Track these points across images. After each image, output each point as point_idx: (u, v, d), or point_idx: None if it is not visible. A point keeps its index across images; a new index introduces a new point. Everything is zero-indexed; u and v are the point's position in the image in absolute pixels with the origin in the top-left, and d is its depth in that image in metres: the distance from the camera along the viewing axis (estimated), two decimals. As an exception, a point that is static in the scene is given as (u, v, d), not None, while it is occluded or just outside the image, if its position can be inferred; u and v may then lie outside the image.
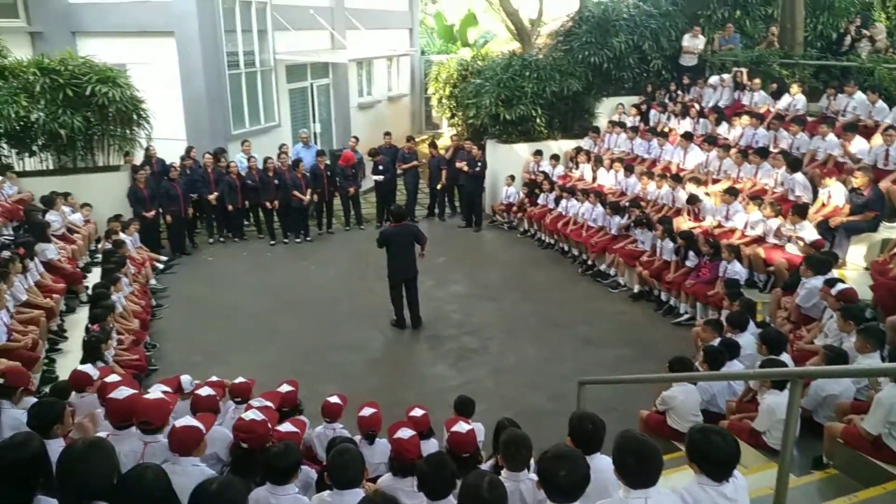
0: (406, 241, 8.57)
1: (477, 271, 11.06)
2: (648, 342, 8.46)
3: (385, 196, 13.36)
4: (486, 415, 5.75)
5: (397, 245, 8.57)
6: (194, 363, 7.83)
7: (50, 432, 3.69)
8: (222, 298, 9.97)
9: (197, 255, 11.86)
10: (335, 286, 10.44)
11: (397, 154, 13.37)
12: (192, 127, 13.63)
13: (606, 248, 10.57)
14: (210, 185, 12.01)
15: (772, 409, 5.11)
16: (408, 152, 13.58)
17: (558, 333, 8.76)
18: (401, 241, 8.56)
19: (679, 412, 5.73)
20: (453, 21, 27.81)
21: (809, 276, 7.09)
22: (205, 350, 8.35)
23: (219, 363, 7.78)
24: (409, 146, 13.68)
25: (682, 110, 12.78)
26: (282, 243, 12.40)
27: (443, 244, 12.42)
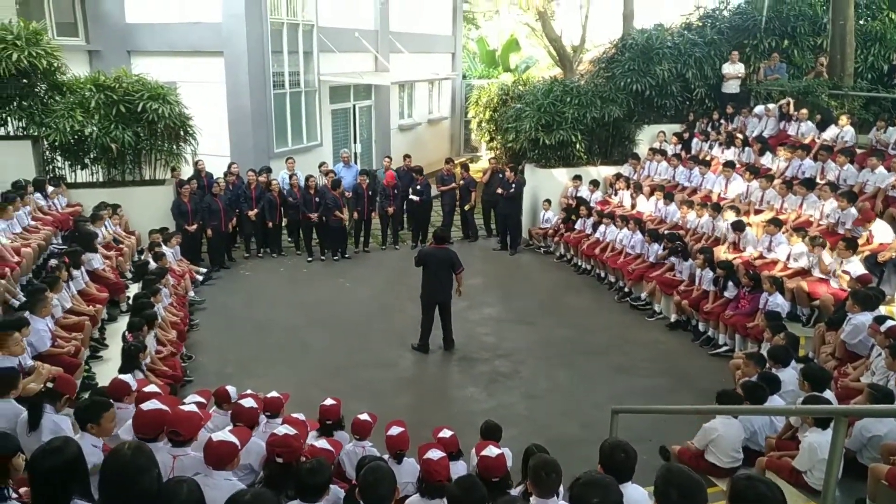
0: (443, 264, 8.58)
1: (511, 295, 11.03)
2: (684, 373, 8.29)
3: (420, 218, 13.46)
4: (516, 440, 5.70)
5: (434, 267, 8.58)
6: (227, 375, 7.93)
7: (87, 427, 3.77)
8: (257, 312, 10.11)
9: (235, 268, 12.07)
10: (368, 304, 10.51)
11: (413, 180, 13.45)
12: (236, 144, 13.98)
13: (644, 275, 10.44)
14: (251, 202, 12.26)
15: (814, 448, 4.95)
16: (447, 174, 13.68)
17: (592, 360, 8.66)
18: (438, 264, 8.57)
19: (720, 446, 5.58)
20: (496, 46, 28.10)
21: (856, 311, 6.89)
22: (238, 362, 8.46)
23: (251, 376, 7.86)
24: (448, 168, 13.79)
25: (727, 139, 12.63)
26: (318, 260, 12.55)
27: (478, 266, 12.45)
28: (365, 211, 12.82)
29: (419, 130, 20.78)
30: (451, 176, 13.66)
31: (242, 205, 12.17)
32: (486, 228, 14.38)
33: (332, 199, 12.29)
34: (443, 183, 13.60)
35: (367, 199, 12.76)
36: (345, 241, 12.78)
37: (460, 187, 13.67)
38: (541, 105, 13.50)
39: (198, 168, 12.43)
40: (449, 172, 13.67)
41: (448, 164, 13.85)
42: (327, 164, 13.73)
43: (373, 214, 13.08)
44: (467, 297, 10.47)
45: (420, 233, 13.51)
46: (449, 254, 8.66)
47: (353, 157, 16.23)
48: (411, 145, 19.04)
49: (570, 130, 13.28)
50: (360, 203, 12.74)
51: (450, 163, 13.87)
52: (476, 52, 27.89)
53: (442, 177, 13.68)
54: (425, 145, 20.53)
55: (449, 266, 8.60)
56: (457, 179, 13.61)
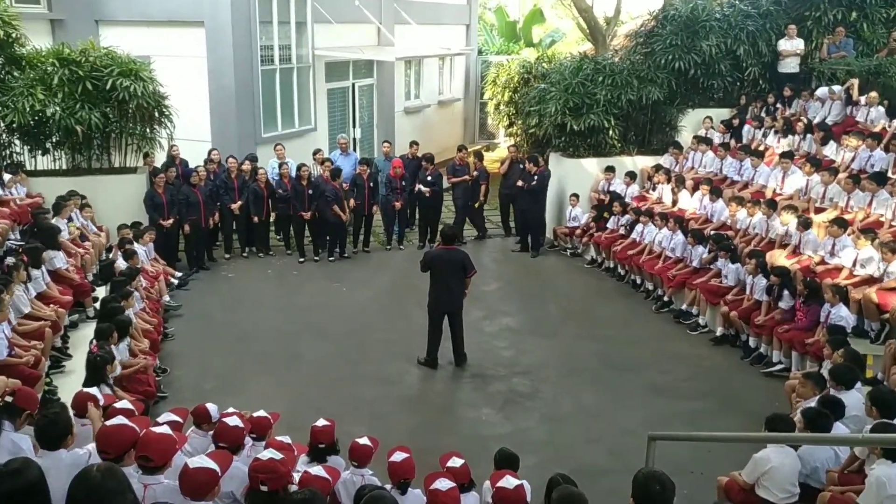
0: (453, 267, 8.60)
1: (532, 303, 11.05)
2: (732, 394, 8.27)
3: (429, 213, 13.52)
4: (536, 470, 5.70)
5: (442, 271, 8.61)
6: (207, 391, 7.99)
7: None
8: (242, 320, 10.18)
9: (216, 270, 12.13)
10: (369, 311, 10.55)
11: (419, 169, 13.54)
12: (218, 128, 14.08)
13: (686, 282, 10.42)
14: (234, 193, 12.34)
15: (882, 483, 4.92)
16: (459, 164, 13.70)
17: (625, 379, 8.66)
18: (447, 268, 8.60)
19: (773, 479, 5.56)
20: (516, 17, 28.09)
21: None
22: (219, 376, 8.53)
23: (234, 392, 7.92)
24: (460, 157, 13.81)
25: (783, 126, 12.58)
26: (312, 261, 12.61)
27: (494, 270, 12.49)
28: (365, 205, 12.88)
29: (428, 114, 20.83)
30: (465, 166, 13.68)
31: (224, 197, 12.25)
32: (504, 227, 14.43)
33: (331, 191, 12.35)
34: (454, 174, 13.64)
35: (367, 192, 12.82)
36: (342, 240, 12.85)
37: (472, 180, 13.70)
38: (568, 85, 13.50)
39: (171, 154, 12.54)
40: (462, 162, 13.70)
41: (460, 152, 13.90)
42: (323, 152, 13.79)
43: (375, 207, 13.14)
44: (482, 305, 10.56)
45: (429, 231, 13.58)
46: (459, 255, 8.68)
47: (351, 144, 16.30)
48: (419, 130, 19.10)
49: (602, 115, 13.27)
50: (359, 196, 12.80)
51: (462, 151, 13.91)
52: (494, 23, 27.89)
53: (454, 167, 13.72)
54: (435, 131, 20.56)
55: (459, 270, 8.62)
56: (470, 171, 13.66)
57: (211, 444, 4.89)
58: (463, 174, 13.60)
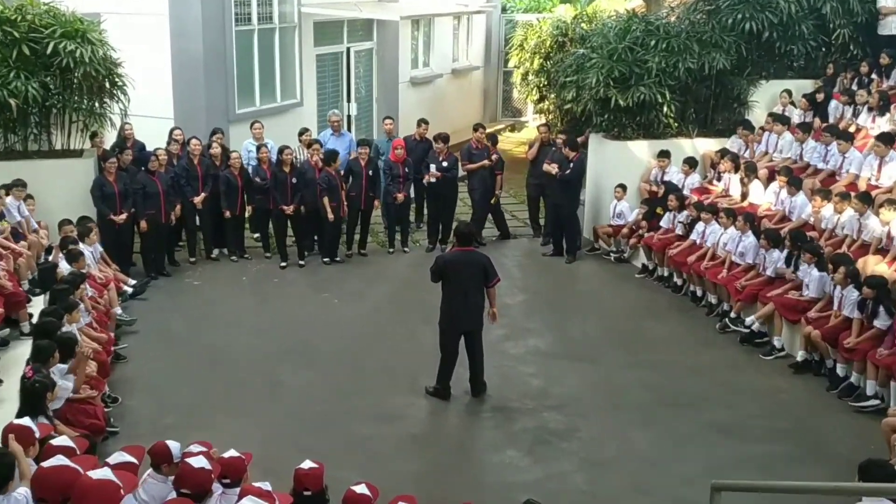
0: (471, 274, 8.59)
1: (567, 320, 11.03)
2: (816, 435, 8.22)
3: (439, 206, 13.53)
4: (573, 526, 5.68)
5: (458, 279, 8.58)
6: (167, 426, 7.98)
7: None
8: (210, 338, 10.19)
9: (179, 276, 12.17)
10: (365, 329, 10.55)
11: (428, 153, 13.57)
12: (182, 102, 14.09)
13: (758, 295, 10.36)
14: (197, 183, 12.36)
15: None
16: (476, 148, 13.70)
17: (682, 415, 8.61)
18: (464, 274, 8.58)
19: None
20: (548, -33, 28.02)
21: None
22: (182, 408, 8.52)
23: (200, 427, 7.89)
24: (477, 138, 13.79)
25: (880, 102, 12.45)
26: (296, 266, 12.64)
27: (520, 279, 12.47)
28: (363, 197, 12.87)
29: (440, 85, 20.86)
30: (483, 150, 13.68)
31: (186, 188, 12.29)
32: (532, 225, 14.41)
33: (325, 179, 12.37)
34: (470, 160, 13.64)
35: (366, 181, 12.83)
36: (334, 240, 12.88)
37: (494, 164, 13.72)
38: (613, 51, 13.45)
39: (125, 134, 12.58)
40: (480, 145, 13.70)
41: (477, 132, 13.88)
42: (310, 132, 13.83)
43: (376, 202, 13.17)
44: (506, 322, 10.47)
45: (440, 229, 13.59)
46: (479, 259, 8.68)
47: (345, 122, 16.30)
48: (428, 106, 19.09)
49: (655, 87, 13.20)
50: (355, 186, 12.82)
51: (479, 130, 13.89)
52: (521, -25, 27.84)
53: (469, 151, 13.70)
54: (448, 106, 20.54)
55: (479, 277, 8.61)
56: (490, 154, 13.66)
57: (171, 490, 4.88)
58: (481, 159, 13.58)
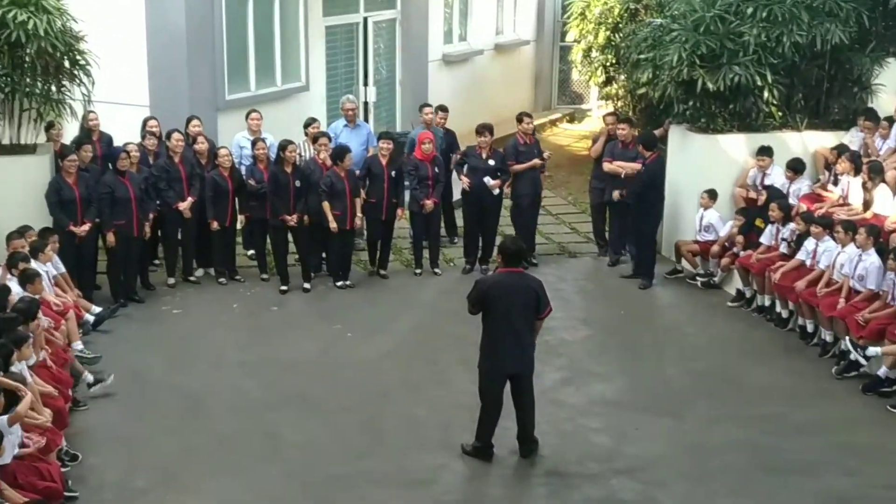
0: (521, 303, 8.47)
1: (642, 361, 10.94)
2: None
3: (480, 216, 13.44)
4: None
5: (504, 309, 8.46)
6: (138, 490, 7.97)
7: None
8: (192, 381, 10.19)
9: (154, 303, 12.23)
10: (385, 371, 10.52)
11: (452, 149, 13.55)
12: (159, 86, 14.18)
13: (887, 331, 10.17)
14: (181, 185, 12.38)
15: None
16: (523, 144, 13.62)
17: (788, 484, 8.48)
18: (511, 304, 8.46)
19: None
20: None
21: None
22: (157, 468, 8.50)
23: (179, 491, 7.89)
24: (523, 130, 13.71)
25: None
26: (299, 290, 12.68)
27: (581, 307, 12.45)
28: (384, 205, 12.87)
29: (480, 64, 20.88)
30: (533, 145, 13.62)
31: (165, 192, 12.30)
32: (596, 240, 14.37)
33: (328, 181, 12.32)
34: (517, 158, 13.56)
35: (387, 184, 12.82)
36: (347, 258, 12.89)
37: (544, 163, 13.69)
38: (700, 21, 13.34)
39: (88, 125, 12.63)
40: (528, 139, 13.64)
41: (523, 122, 13.73)
42: (319, 123, 13.83)
43: (399, 212, 13.18)
44: (563, 364, 10.50)
45: (480, 245, 13.58)
46: (530, 284, 8.57)
47: (362, 111, 16.29)
48: (465, 91, 19.10)
49: (753, 67, 13.07)
50: (375, 191, 12.81)
51: (526, 121, 13.74)
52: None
53: (515, 147, 13.62)
54: (490, 91, 20.57)
55: (530, 307, 8.49)
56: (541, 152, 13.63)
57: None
58: (529, 157, 13.51)
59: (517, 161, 13.51)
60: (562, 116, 23.09)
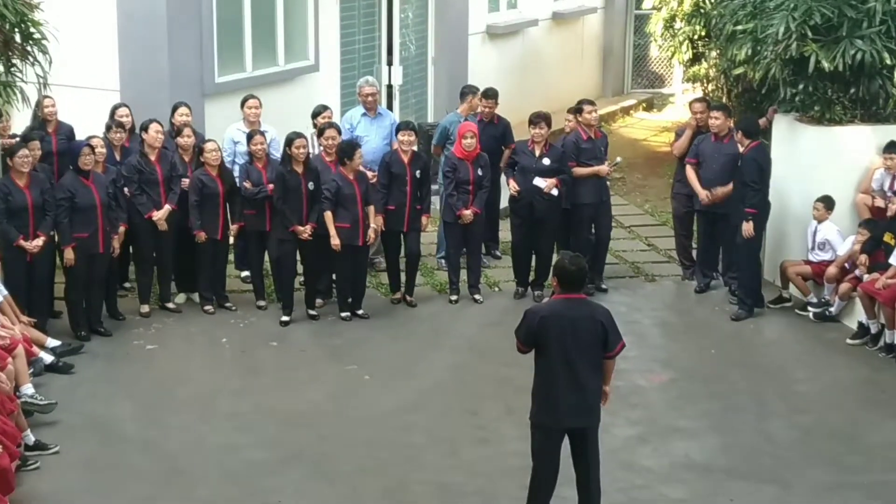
0: (583, 339, 8.36)
1: (738, 413, 10.87)
2: None
3: (533, 229, 13.46)
4: None
5: (563, 346, 8.34)
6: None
7: None
8: (169, 435, 10.20)
9: (124, 336, 12.28)
10: (410, 425, 10.49)
11: (506, 135, 13.69)
12: (132, 66, 14.30)
13: None
14: (158, 188, 12.43)
15: None
16: (586, 139, 13.61)
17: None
18: (572, 339, 8.35)
19: None
20: None
21: None
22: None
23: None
24: (586, 121, 13.70)
25: None
26: (305, 318, 12.72)
27: (661, 345, 12.51)
28: (407, 213, 12.92)
29: (532, 38, 20.97)
30: (598, 141, 13.62)
31: (139, 197, 12.35)
32: (681, 258, 14.40)
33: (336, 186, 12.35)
34: (578, 159, 13.54)
35: (410, 187, 12.89)
36: (359, 282, 12.96)
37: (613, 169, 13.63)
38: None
39: (42, 114, 12.71)
40: (593, 133, 13.67)
41: (581, 113, 13.67)
42: (330, 112, 13.85)
43: (424, 219, 13.22)
44: (638, 417, 10.47)
45: (533, 264, 13.61)
46: (595, 315, 8.44)
47: (384, 97, 16.30)
48: (516, 71, 19.11)
49: (881, 41, 12.98)
50: (396, 195, 12.86)
51: (587, 111, 13.67)
52: None
53: (576, 145, 13.60)
54: (546, 71, 20.64)
55: (596, 343, 8.38)
56: (604, 151, 13.67)
57: None
58: (594, 156, 13.54)
59: (578, 162, 13.51)
60: (637, 103, 23.08)
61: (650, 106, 23.10)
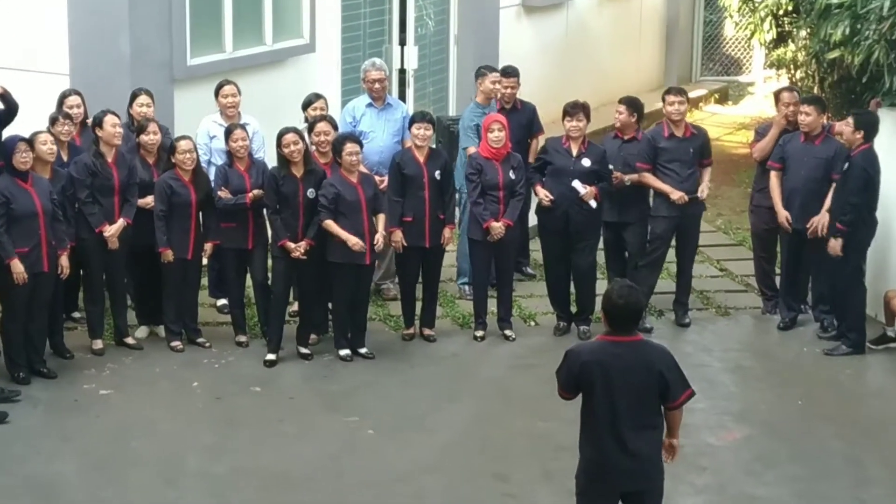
0: (635, 387, 8.30)
1: (831, 481, 10.73)
2: None
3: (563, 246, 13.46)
4: None
5: (610, 394, 8.29)
6: None
7: None
8: (126, 500, 10.17)
9: (72, 378, 12.26)
10: (425, 490, 10.42)
11: (533, 122, 13.90)
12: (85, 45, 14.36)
13: None
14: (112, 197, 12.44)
15: None
16: (669, 135, 13.60)
17: None
18: (619, 388, 8.29)
19: None
20: None
21: None
22: None
23: None
24: (668, 114, 13.70)
25: None
26: (295, 358, 12.73)
27: (737, 395, 12.44)
28: (426, 226, 12.94)
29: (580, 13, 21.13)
30: (687, 141, 13.60)
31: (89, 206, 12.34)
32: (761, 286, 14.38)
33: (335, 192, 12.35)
34: (653, 160, 13.58)
35: (428, 192, 12.92)
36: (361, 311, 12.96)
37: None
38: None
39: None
40: (686, 131, 13.65)
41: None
42: (324, 101, 13.83)
43: (448, 231, 13.23)
44: (709, 477, 10.42)
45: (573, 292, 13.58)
46: (650, 357, 8.36)
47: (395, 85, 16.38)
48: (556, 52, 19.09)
49: None
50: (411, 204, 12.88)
51: (669, 100, 13.65)
52: None
53: (651, 142, 13.64)
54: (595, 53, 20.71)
55: (651, 391, 8.31)
56: (705, 157, 13.65)
57: None
58: (674, 158, 13.50)
59: (654, 167, 13.53)
60: (708, 94, 23.16)
61: (724, 97, 23.14)
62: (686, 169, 13.46)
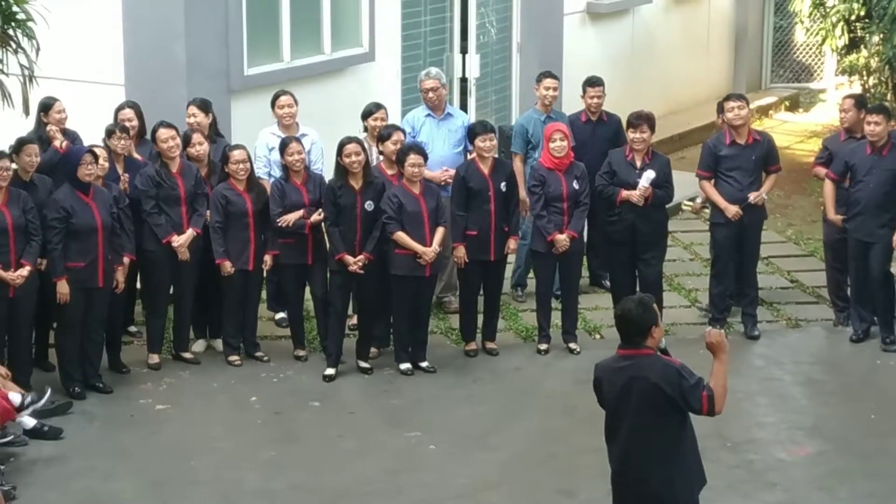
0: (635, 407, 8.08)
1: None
2: None
3: (630, 254, 13.43)
4: None
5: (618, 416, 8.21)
6: None
7: None
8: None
9: (127, 393, 12.30)
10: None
11: (619, 135, 13.86)
12: (142, 56, 14.43)
13: None
14: (180, 209, 12.46)
15: None
16: (730, 142, 13.54)
17: None
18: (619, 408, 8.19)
19: None
20: None
21: None
22: None
23: None
24: (729, 120, 13.56)
25: None
26: (355, 372, 12.73)
27: (809, 408, 12.35)
28: (492, 239, 12.90)
29: (647, 19, 21.09)
30: (750, 148, 13.47)
31: (154, 216, 12.36)
32: (832, 297, 14.25)
33: (398, 202, 12.36)
34: (715, 167, 13.54)
35: (494, 204, 12.87)
36: (424, 323, 12.95)
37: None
38: None
39: (54, 122, 12.69)
40: (747, 137, 13.52)
41: (728, 111, 13.57)
42: (385, 112, 13.81)
43: (512, 243, 13.22)
44: (780, 500, 10.30)
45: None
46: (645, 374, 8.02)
47: (456, 94, 16.34)
48: (622, 59, 19.01)
49: None
50: (476, 217, 12.84)
51: (729, 106, 13.57)
52: None
53: (712, 150, 13.59)
54: (662, 60, 20.67)
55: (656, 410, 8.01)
56: (769, 163, 13.57)
57: None
58: (735, 166, 13.41)
59: (714, 175, 13.47)
60: (778, 101, 23.00)
61: (795, 104, 23.00)
62: (747, 177, 13.39)
